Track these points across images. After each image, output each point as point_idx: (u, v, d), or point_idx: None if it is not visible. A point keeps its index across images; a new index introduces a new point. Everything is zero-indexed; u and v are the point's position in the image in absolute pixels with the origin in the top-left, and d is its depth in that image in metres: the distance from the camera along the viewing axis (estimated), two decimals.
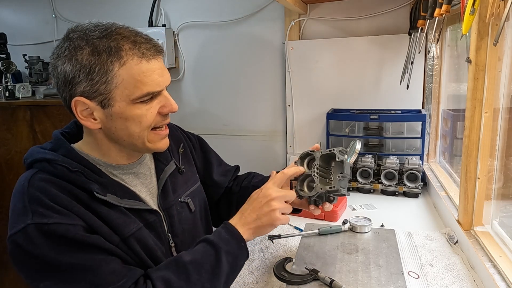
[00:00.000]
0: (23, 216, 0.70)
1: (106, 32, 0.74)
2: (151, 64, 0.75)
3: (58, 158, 0.77)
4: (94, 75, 0.73)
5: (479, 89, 1.06)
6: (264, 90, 2.12)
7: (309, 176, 0.93)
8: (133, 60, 0.73)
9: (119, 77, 0.73)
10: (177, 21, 2.18)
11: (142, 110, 0.77)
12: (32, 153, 0.80)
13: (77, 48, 0.73)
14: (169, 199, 0.93)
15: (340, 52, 1.91)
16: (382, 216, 1.42)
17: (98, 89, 0.74)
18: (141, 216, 0.83)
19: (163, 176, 0.93)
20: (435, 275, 1.03)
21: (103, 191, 0.77)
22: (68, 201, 0.73)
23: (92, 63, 0.72)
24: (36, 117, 2.01)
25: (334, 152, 0.92)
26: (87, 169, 0.78)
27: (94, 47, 0.73)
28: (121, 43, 0.73)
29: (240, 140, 2.20)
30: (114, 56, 0.72)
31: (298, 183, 0.94)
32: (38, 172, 0.76)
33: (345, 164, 0.91)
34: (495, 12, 0.88)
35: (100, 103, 0.75)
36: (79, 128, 0.89)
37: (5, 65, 2.13)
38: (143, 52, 0.74)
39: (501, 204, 1.12)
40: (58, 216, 0.70)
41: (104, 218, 0.76)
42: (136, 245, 0.80)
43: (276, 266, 1.01)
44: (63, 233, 0.69)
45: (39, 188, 0.73)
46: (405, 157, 1.68)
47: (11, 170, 2.11)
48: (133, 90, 0.74)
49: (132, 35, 0.75)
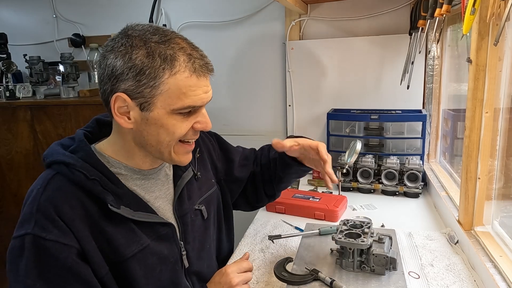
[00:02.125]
0: (27, 223, 0.72)
1: (165, 38, 0.74)
2: (200, 81, 0.76)
3: (77, 163, 0.77)
4: (143, 77, 0.73)
5: (479, 89, 1.06)
6: (264, 90, 2.12)
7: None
8: (185, 73, 0.74)
9: (166, 85, 0.73)
10: (177, 21, 2.18)
11: (178, 121, 0.77)
12: (52, 153, 0.80)
13: (133, 47, 0.73)
14: (185, 207, 0.93)
15: (340, 52, 1.91)
16: (382, 216, 1.42)
17: (142, 91, 0.74)
18: (152, 229, 0.84)
19: (181, 183, 0.94)
20: (435, 275, 1.03)
21: (117, 203, 0.78)
22: (73, 218, 0.73)
23: (144, 65, 0.72)
24: (36, 117, 2.01)
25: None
26: (104, 177, 0.78)
27: (151, 50, 0.73)
28: (177, 53, 0.74)
29: (241, 140, 2.17)
30: (167, 64, 0.73)
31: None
32: (56, 175, 0.77)
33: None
34: (495, 12, 0.88)
35: (140, 105, 0.75)
36: (100, 126, 0.90)
37: (5, 65, 2.13)
38: (196, 67, 0.75)
39: (501, 204, 1.12)
40: (57, 232, 0.71)
41: (108, 237, 0.77)
42: (134, 266, 0.80)
43: (276, 266, 1.01)
44: (54, 253, 0.70)
45: (50, 198, 0.74)
46: (405, 157, 1.68)
47: (11, 170, 2.11)
48: (176, 100, 0.74)
49: (189, 47, 0.76)
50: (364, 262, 0.95)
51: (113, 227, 0.77)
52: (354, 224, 1.02)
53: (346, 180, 1.70)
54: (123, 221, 0.79)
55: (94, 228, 0.76)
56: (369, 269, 0.94)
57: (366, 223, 1.01)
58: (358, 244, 0.93)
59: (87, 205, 0.76)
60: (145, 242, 0.82)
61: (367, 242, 0.92)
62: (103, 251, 0.76)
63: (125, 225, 0.79)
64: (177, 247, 0.89)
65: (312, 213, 1.44)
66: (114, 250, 0.77)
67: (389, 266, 0.94)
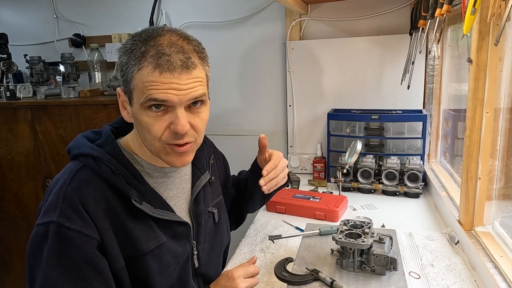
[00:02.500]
0: (52, 211, 0.73)
1: (151, 36, 0.75)
2: (162, 76, 0.72)
3: (104, 157, 0.79)
4: (122, 73, 0.77)
5: (480, 89, 1.06)
6: (264, 90, 2.12)
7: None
8: (148, 68, 0.73)
9: (135, 81, 0.75)
10: (178, 21, 2.18)
11: (150, 119, 0.75)
12: (79, 145, 0.82)
13: (125, 44, 0.77)
14: (200, 207, 0.96)
15: (341, 52, 1.91)
16: (383, 216, 1.42)
17: (126, 86, 0.77)
18: (169, 228, 0.86)
19: (199, 183, 0.96)
20: (436, 275, 1.03)
21: (140, 199, 0.80)
22: (97, 211, 0.75)
23: (123, 62, 0.76)
24: (37, 117, 2.01)
25: None
26: (129, 173, 0.80)
27: (130, 47, 0.75)
28: (149, 50, 0.73)
29: (241, 140, 2.19)
30: (137, 60, 0.74)
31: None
32: (83, 167, 0.79)
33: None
34: (496, 12, 0.88)
35: (128, 100, 0.79)
36: (127, 123, 0.90)
37: (6, 65, 2.13)
38: (160, 63, 0.72)
39: (502, 205, 1.12)
40: (81, 223, 0.73)
41: (128, 230, 0.79)
42: (150, 262, 0.81)
43: (276, 266, 1.01)
44: (77, 243, 0.72)
45: (76, 189, 0.76)
46: (406, 157, 1.68)
47: (12, 170, 2.11)
48: (141, 95, 0.75)
49: (167, 45, 0.74)
50: (364, 262, 0.95)
51: (133, 222, 0.79)
52: (355, 224, 1.02)
53: (346, 180, 1.70)
54: (143, 218, 0.81)
55: (115, 222, 0.77)
56: (369, 269, 0.94)
57: (367, 223, 1.01)
58: (358, 244, 0.93)
59: (111, 199, 0.78)
60: (162, 239, 0.84)
61: (367, 242, 0.92)
62: (121, 245, 0.78)
63: (145, 222, 0.81)
64: (190, 246, 0.91)
65: (312, 213, 1.44)
66: (132, 245, 0.79)
67: (389, 266, 0.94)
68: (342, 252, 0.97)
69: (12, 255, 2.21)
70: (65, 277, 0.71)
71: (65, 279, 0.71)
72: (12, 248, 2.20)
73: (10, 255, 2.22)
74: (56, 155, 2.02)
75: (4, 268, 2.24)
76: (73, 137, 0.89)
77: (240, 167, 1.29)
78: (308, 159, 2.02)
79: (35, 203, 2.12)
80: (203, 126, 0.81)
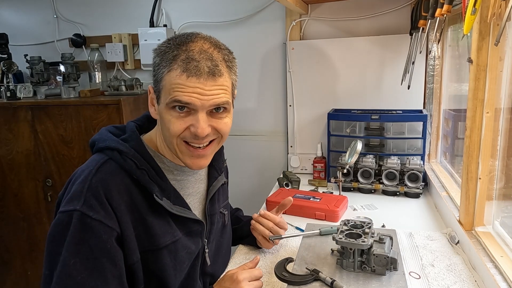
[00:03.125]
0: (76, 200, 0.75)
1: (185, 41, 0.80)
2: (189, 81, 0.77)
3: (130, 152, 0.82)
4: (155, 73, 0.81)
5: (480, 89, 1.06)
6: (265, 90, 2.12)
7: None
8: (177, 71, 0.77)
9: (164, 81, 0.79)
10: (178, 22, 2.19)
11: (173, 117, 0.80)
12: (105, 139, 0.85)
13: (160, 46, 0.82)
14: (215, 207, 0.99)
15: (341, 52, 1.91)
16: (383, 216, 1.42)
17: (156, 85, 0.82)
18: (185, 225, 0.89)
19: (216, 184, 0.99)
20: (436, 275, 1.03)
21: (161, 194, 0.83)
22: (120, 203, 0.77)
23: (156, 62, 0.81)
24: (37, 117, 2.01)
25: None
26: (151, 169, 0.83)
27: (164, 50, 0.80)
28: (180, 54, 0.78)
29: (241, 141, 2.19)
30: (168, 62, 0.78)
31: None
32: (109, 160, 0.81)
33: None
34: (496, 12, 0.88)
35: (156, 98, 0.83)
36: (150, 122, 0.95)
37: (6, 65, 2.13)
38: (188, 67, 0.77)
39: (502, 205, 1.12)
40: (104, 214, 0.75)
41: (148, 224, 0.81)
42: (166, 257, 0.84)
43: (277, 266, 1.01)
44: (97, 233, 0.74)
45: (101, 180, 0.77)
46: (406, 157, 1.68)
47: (12, 170, 2.11)
48: (167, 95, 0.79)
49: (197, 52, 0.78)
50: (364, 262, 0.95)
51: (153, 217, 0.82)
52: (355, 224, 1.02)
53: (346, 180, 1.70)
54: (162, 213, 0.83)
55: (136, 216, 0.80)
56: (369, 270, 0.94)
57: (367, 223, 1.01)
58: (358, 244, 0.93)
59: (134, 193, 0.80)
60: (177, 235, 0.86)
61: (367, 242, 0.92)
62: (139, 239, 0.80)
63: (163, 217, 0.84)
64: (202, 244, 0.93)
65: (312, 213, 1.44)
66: (150, 239, 0.81)
67: (389, 266, 0.94)
68: (342, 252, 0.97)
69: (12, 255, 2.21)
70: (82, 266, 0.72)
71: (81, 267, 0.72)
72: (12, 248, 2.20)
73: (10, 255, 2.22)
74: (56, 155, 2.02)
75: (4, 268, 2.24)
76: (73, 137, 0.90)
77: (239, 167, 1.29)
78: (308, 159, 2.02)
79: (35, 203, 2.12)
80: (227, 129, 0.86)
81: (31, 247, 2.18)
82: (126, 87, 2.15)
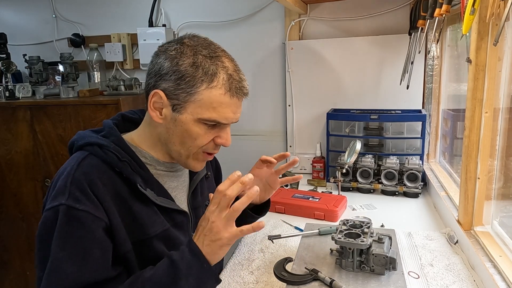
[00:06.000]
0: (61, 195, 0.75)
1: (214, 54, 0.81)
2: (231, 100, 0.81)
3: (110, 145, 0.82)
4: (183, 82, 0.79)
5: (479, 89, 1.06)
6: (264, 90, 2.12)
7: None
8: (220, 89, 0.80)
9: (201, 95, 0.80)
10: (177, 21, 2.19)
11: (202, 131, 0.83)
12: (84, 136, 0.85)
13: (183, 54, 0.80)
14: (198, 200, 1.00)
15: (340, 52, 1.91)
16: (382, 216, 1.42)
17: (179, 94, 0.80)
18: (170, 216, 0.89)
19: (197, 178, 1.00)
20: (435, 275, 1.03)
21: (145, 185, 0.83)
22: (105, 194, 0.77)
23: (187, 73, 0.79)
24: (36, 117, 2.01)
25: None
26: (133, 161, 0.83)
27: (197, 61, 0.80)
28: (219, 71, 0.80)
29: (240, 140, 2.19)
30: (208, 77, 0.79)
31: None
32: (89, 155, 0.81)
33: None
34: (495, 12, 0.88)
35: (173, 105, 0.82)
36: (124, 121, 0.95)
37: (5, 65, 2.13)
38: (231, 87, 0.81)
39: (501, 204, 1.12)
40: (90, 204, 0.75)
41: (135, 214, 0.81)
42: (160, 245, 0.84)
43: (276, 266, 1.01)
44: (85, 222, 0.74)
45: (84, 173, 0.78)
46: (405, 157, 1.68)
47: (11, 170, 2.10)
48: (205, 111, 0.80)
49: (232, 69, 0.82)
50: (363, 262, 0.95)
51: (139, 207, 0.82)
52: (354, 224, 1.02)
53: (345, 180, 1.70)
54: (148, 203, 0.84)
55: (122, 206, 0.80)
56: (368, 269, 0.94)
57: (366, 223, 1.01)
58: (357, 244, 0.93)
59: (118, 184, 0.80)
60: (166, 225, 0.87)
61: (366, 242, 0.92)
62: (128, 228, 0.80)
63: (150, 207, 0.84)
64: (189, 237, 0.93)
65: (311, 213, 1.44)
66: (139, 228, 0.81)
67: (388, 266, 0.94)
68: (341, 252, 0.97)
69: (11, 255, 2.21)
70: (71, 259, 0.72)
71: (71, 260, 0.72)
72: (12, 248, 2.20)
73: (10, 255, 2.21)
74: (55, 155, 2.02)
75: (3, 268, 2.23)
76: (72, 137, 0.89)
77: (239, 167, 1.28)
78: (308, 159, 2.02)
79: (34, 203, 2.12)
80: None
81: (30, 247, 2.17)
82: (125, 87, 2.15)
